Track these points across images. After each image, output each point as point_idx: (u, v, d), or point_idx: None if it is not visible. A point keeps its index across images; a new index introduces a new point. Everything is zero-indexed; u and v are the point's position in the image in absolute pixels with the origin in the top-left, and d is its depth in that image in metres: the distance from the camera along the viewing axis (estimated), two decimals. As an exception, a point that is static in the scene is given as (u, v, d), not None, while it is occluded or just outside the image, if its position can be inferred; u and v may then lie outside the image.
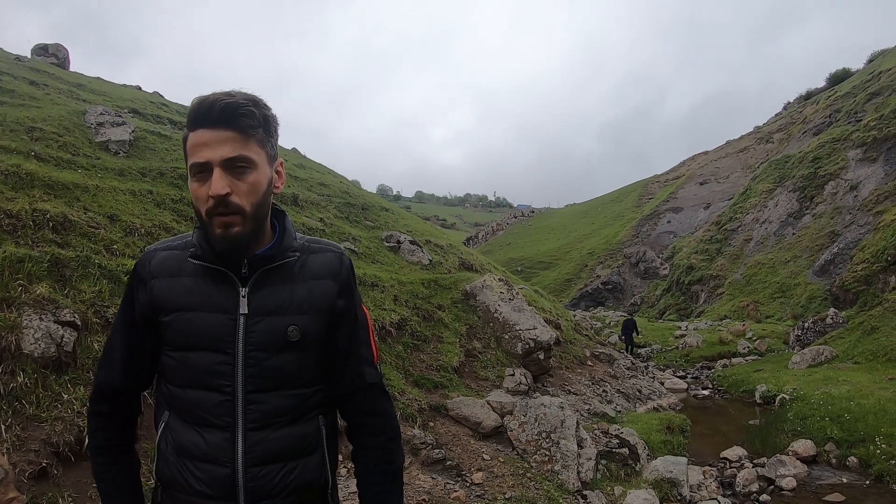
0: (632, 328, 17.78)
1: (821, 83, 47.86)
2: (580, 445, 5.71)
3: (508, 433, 5.86)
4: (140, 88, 16.91)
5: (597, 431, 6.72)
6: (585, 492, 5.30)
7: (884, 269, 16.43)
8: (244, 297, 1.24)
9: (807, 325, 16.32)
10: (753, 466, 7.16)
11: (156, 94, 16.76)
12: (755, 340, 17.67)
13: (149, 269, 1.28)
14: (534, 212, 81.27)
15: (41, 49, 15.73)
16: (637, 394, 10.41)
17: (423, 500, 4.31)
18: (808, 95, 47.11)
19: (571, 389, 8.82)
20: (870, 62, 38.94)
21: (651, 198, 50.68)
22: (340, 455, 1.46)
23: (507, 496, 4.74)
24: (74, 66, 16.41)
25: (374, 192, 41.53)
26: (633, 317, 19.96)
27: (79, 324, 3.67)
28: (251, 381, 1.22)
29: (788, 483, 6.54)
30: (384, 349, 6.43)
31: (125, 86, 16.41)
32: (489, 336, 8.36)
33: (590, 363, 10.76)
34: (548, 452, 5.55)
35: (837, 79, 42.45)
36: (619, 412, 8.82)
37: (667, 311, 29.27)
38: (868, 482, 6.60)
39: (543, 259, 47.14)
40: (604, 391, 9.53)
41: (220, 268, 1.24)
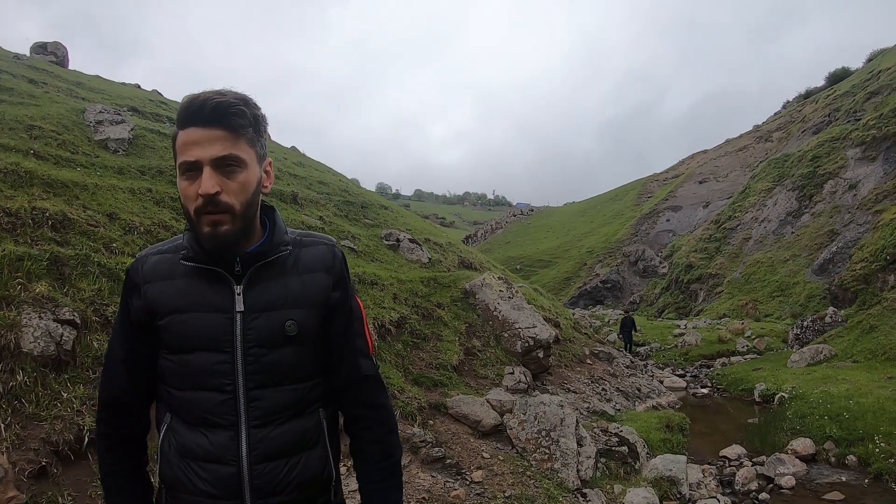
0: (630, 326, 17.81)
1: (820, 82, 47.84)
2: (580, 444, 5.71)
3: (508, 431, 5.86)
4: (139, 87, 16.87)
5: (596, 430, 6.72)
6: (585, 490, 5.30)
7: (883, 268, 16.43)
8: (239, 295, 1.24)
9: (806, 324, 16.32)
10: (752, 465, 7.18)
11: (155, 93, 16.73)
12: (754, 339, 17.68)
13: (141, 275, 1.29)
14: (533, 210, 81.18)
15: (40, 47, 15.68)
16: (636, 392, 10.42)
17: (423, 499, 4.31)
18: (808, 94, 47.01)
19: (571, 388, 8.83)
20: (869, 61, 38.91)
21: (650, 196, 50.68)
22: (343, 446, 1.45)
23: (507, 494, 4.74)
24: (73, 65, 16.38)
25: (374, 191, 41.51)
26: (632, 315, 19.97)
27: (78, 322, 3.67)
28: (252, 378, 1.22)
29: (787, 481, 6.55)
30: (384, 347, 6.43)
31: (124, 84, 16.37)
32: (488, 334, 8.36)
33: (589, 361, 10.78)
34: (547, 451, 5.55)
35: (837, 78, 42.38)
36: (619, 410, 8.83)
37: (666, 310, 29.29)
38: (867, 481, 6.60)
39: (542, 257, 47.19)
40: (603, 389, 9.54)
41: (213, 267, 1.24)
